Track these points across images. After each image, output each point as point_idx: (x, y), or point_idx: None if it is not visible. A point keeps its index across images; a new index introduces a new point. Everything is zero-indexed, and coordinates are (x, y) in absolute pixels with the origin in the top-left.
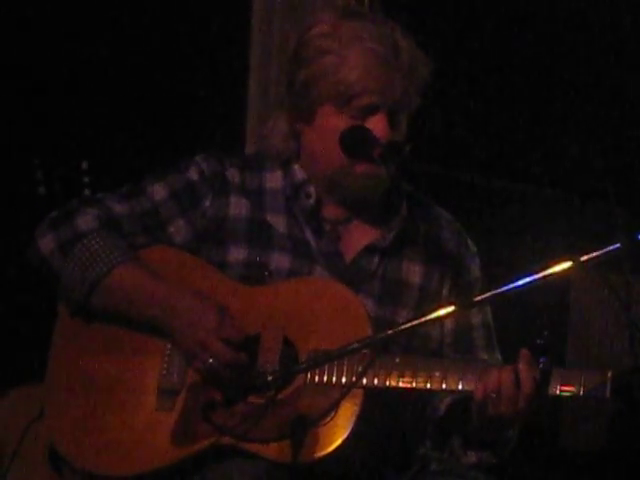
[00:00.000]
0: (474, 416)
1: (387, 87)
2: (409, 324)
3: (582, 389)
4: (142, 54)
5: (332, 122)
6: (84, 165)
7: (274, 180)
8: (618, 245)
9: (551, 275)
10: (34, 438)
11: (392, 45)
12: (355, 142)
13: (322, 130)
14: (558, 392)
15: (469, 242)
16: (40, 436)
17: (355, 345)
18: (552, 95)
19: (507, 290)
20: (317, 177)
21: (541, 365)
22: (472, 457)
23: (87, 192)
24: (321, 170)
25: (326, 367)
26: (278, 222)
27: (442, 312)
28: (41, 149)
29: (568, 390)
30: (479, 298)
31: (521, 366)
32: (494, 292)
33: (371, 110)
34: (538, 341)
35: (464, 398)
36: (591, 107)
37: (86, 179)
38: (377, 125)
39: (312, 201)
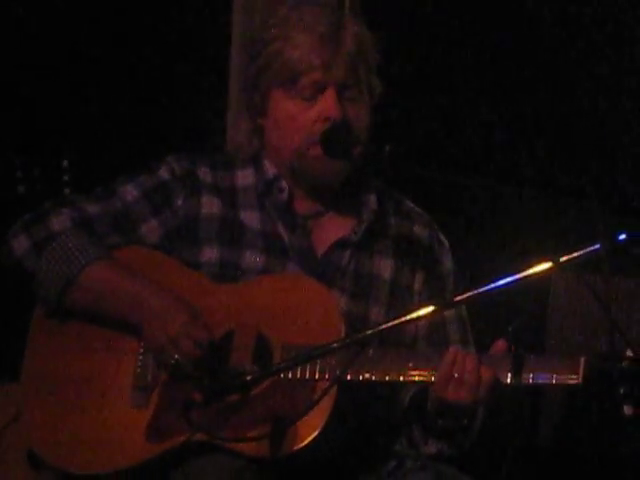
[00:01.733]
0: (432, 399)
1: (331, 63)
2: (389, 324)
3: (555, 376)
4: (122, 53)
5: (283, 107)
6: (64, 164)
7: (246, 177)
8: (598, 245)
9: (531, 275)
10: (12, 438)
11: (336, 25)
12: (335, 143)
13: (276, 117)
14: (531, 381)
15: (441, 236)
16: (18, 436)
17: (334, 345)
18: (535, 95)
19: (487, 290)
20: (285, 169)
21: (513, 352)
22: (432, 447)
23: (67, 191)
24: (283, 159)
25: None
26: (251, 219)
27: (422, 312)
28: (21, 148)
29: (541, 377)
30: (459, 298)
31: (489, 355)
32: (474, 292)
33: (319, 88)
34: (510, 328)
35: (426, 387)
36: (573, 108)
37: (66, 178)
38: (326, 102)
39: (285, 196)
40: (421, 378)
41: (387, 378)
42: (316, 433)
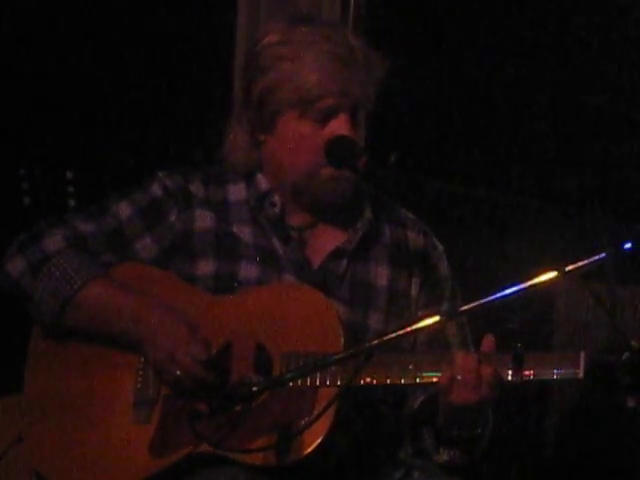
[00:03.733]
0: (441, 406)
1: (347, 87)
2: (395, 334)
3: (556, 371)
4: (126, 64)
5: (295, 128)
6: (69, 175)
7: (237, 192)
8: (603, 255)
9: (536, 285)
10: (16, 457)
11: (346, 45)
12: (340, 153)
13: (285, 137)
14: (532, 377)
15: (435, 241)
16: (22, 455)
17: (340, 355)
18: (538, 106)
19: (493, 300)
20: (282, 185)
21: (514, 350)
22: (444, 455)
23: (72, 202)
24: (286, 177)
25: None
26: (244, 233)
27: (427, 322)
28: (26, 159)
29: (542, 374)
30: (465, 308)
31: (482, 352)
32: (480, 302)
33: (333, 112)
34: (510, 325)
35: (435, 394)
36: (577, 118)
37: (71, 189)
38: (340, 127)
39: (277, 209)
40: (423, 380)
41: (388, 381)
42: (320, 439)
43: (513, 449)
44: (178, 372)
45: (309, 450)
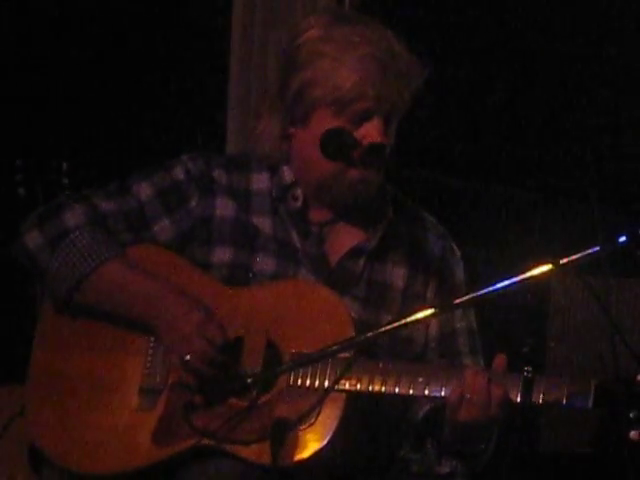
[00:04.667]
0: (448, 422)
1: (384, 92)
2: (389, 326)
3: (565, 399)
4: (121, 56)
5: (327, 126)
6: (64, 166)
7: (261, 181)
8: (598, 248)
9: (531, 278)
10: (13, 436)
11: (388, 49)
12: (334, 144)
13: (316, 133)
14: (541, 401)
15: (454, 246)
16: (19, 434)
17: (335, 347)
18: (533, 98)
19: (487, 293)
20: (306, 180)
21: (525, 374)
22: (445, 466)
23: (67, 193)
24: (312, 173)
25: (309, 370)
26: (264, 224)
27: (422, 314)
28: (21, 150)
29: (551, 399)
30: (459, 301)
31: (493, 372)
32: (474, 295)
33: (367, 115)
34: (524, 349)
35: (442, 406)
36: (571, 110)
37: (66, 180)
38: (372, 130)
39: (299, 203)
40: (431, 393)
41: (397, 391)
42: (323, 444)
43: (506, 443)
44: (188, 357)
45: (308, 454)
